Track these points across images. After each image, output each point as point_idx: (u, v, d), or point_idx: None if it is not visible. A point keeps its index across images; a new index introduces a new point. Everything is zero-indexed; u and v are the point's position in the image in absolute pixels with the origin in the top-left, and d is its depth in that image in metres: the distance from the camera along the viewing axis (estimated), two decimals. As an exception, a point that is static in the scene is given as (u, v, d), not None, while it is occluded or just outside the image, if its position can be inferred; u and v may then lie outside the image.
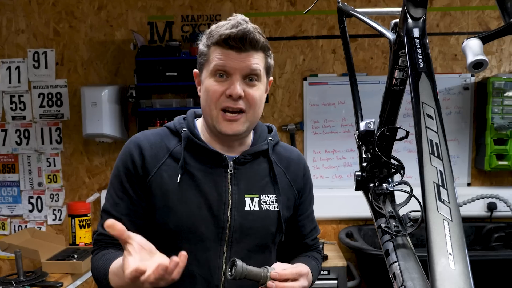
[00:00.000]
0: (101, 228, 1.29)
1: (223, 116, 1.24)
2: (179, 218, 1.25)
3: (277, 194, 1.35)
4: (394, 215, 1.29)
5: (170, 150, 1.30)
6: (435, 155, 0.82)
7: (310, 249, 1.52)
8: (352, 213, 3.56)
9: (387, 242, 1.18)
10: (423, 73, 0.93)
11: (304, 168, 1.47)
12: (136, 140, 1.31)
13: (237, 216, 1.29)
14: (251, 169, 1.34)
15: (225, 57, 1.21)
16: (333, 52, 3.60)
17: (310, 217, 1.51)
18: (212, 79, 1.23)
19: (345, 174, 3.64)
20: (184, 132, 1.31)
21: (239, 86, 1.21)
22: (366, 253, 2.98)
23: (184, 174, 1.28)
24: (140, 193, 1.28)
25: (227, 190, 1.29)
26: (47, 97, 3.70)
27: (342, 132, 3.61)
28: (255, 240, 1.32)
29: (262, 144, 1.38)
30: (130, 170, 1.28)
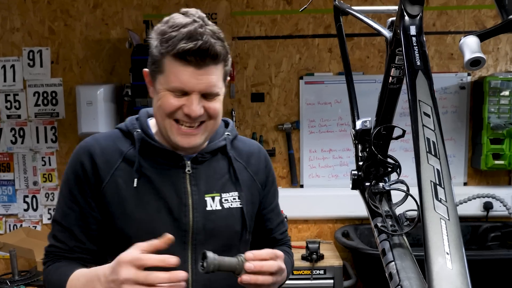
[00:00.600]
0: (52, 240, 1.24)
1: (177, 128, 1.18)
2: (138, 225, 1.19)
3: (239, 191, 1.31)
4: (390, 214, 1.29)
5: (124, 154, 1.24)
6: (432, 154, 0.82)
7: (280, 243, 1.47)
8: (348, 212, 3.55)
9: (384, 242, 1.18)
10: (420, 71, 0.92)
11: (265, 160, 1.43)
12: (86, 146, 1.24)
13: (199, 218, 1.24)
14: (210, 167, 1.29)
15: (182, 75, 1.12)
16: (329, 51, 3.60)
17: (275, 210, 1.46)
18: (168, 93, 1.15)
19: (341, 173, 3.63)
20: (137, 133, 1.25)
21: (198, 106, 1.14)
22: (362, 253, 2.98)
23: (141, 178, 1.22)
24: (92, 202, 1.21)
25: (186, 191, 1.24)
26: (42, 96, 3.69)
27: (338, 131, 3.60)
28: (221, 240, 1.27)
29: (220, 141, 1.33)
30: (80, 178, 1.21)
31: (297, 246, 3.38)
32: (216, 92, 1.17)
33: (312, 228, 3.68)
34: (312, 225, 3.68)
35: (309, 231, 3.68)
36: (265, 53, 3.60)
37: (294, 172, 3.61)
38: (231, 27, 3.59)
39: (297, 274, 3.05)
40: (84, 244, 1.22)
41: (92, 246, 1.24)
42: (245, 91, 3.63)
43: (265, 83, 3.62)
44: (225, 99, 3.63)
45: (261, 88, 3.63)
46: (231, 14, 3.58)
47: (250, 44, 3.59)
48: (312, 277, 3.04)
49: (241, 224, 1.31)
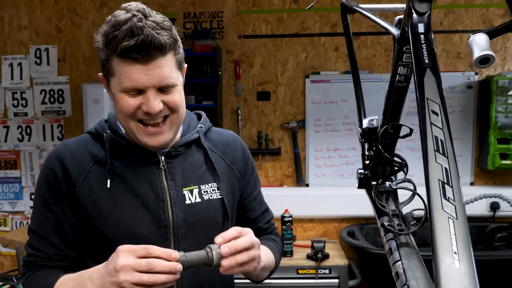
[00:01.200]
0: (29, 249, 1.22)
1: (143, 129, 1.15)
2: (116, 225, 1.17)
3: (218, 181, 1.28)
4: (397, 213, 1.28)
5: (95, 156, 1.21)
6: (440, 152, 0.81)
7: (266, 233, 1.45)
8: (354, 211, 3.54)
9: (390, 241, 1.17)
10: (428, 69, 0.91)
11: (242, 148, 1.40)
12: (56, 152, 1.22)
13: (178, 212, 1.21)
14: (185, 160, 1.27)
15: (132, 74, 1.08)
16: (336, 49, 3.59)
17: (258, 199, 1.43)
18: (124, 94, 1.11)
19: (347, 172, 3.62)
20: (106, 135, 1.22)
21: (155, 102, 1.10)
22: (368, 252, 2.97)
23: (114, 178, 1.19)
24: (66, 208, 1.19)
25: (163, 186, 1.22)
26: (49, 94, 3.70)
27: (344, 130, 3.59)
28: (203, 233, 1.23)
29: (193, 133, 1.30)
30: (53, 185, 1.19)
31: (302, 245, 3.38)
32: (171, 84, 1.12)
33: (318, 227, 3.67)
34: (317, 224, 3.67)
35: (314, 230, 3.67)
36: (271, 52, 3.59)
37: (300, 171, 3.60)
38: (237, 26, 3.58)
39: (302, 273, 3.05)
40: (63, 251, 1.20)
41: (71, 252, 1.22)
42: (251, 89, 3.62)
43: (271, 82, 3.62)
44: (230, 98, 3.64)
45: (267, 87, 3.62)
46: (237, 12, 3.58)
47: (256, 43, 3.59)
48: (317, 276, 3.04)
49: (223, 215, 1.28)
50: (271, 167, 3.65)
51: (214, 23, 3.59)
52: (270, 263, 1.32)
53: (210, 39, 3.37)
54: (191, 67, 3.31)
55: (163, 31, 1.10)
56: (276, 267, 1.40)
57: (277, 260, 1.39)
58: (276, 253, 1.38)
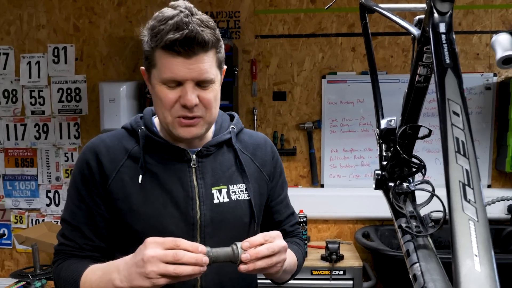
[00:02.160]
0: (61, 238, 1.25)
1: (179, 122, 1.18)
2: (145, 220, 1.21)
3: (246, 183, 1.31)
4: (415, 215, 1.27)
5: (129, 151, 1.25)
6: (461, 153, 0.80)
7: (290, 236, 1.47)
8: (369, 213, 3.52)
9: (408, 243, 1.16)
10: (449, 69, 0.90)
11: (272, 151, 1.42)
12: (91, 146, 1.26)
13: (206, 211, 1.24)
14: (216, 160, 1.29)
15: (173, 66, 1.12)
16: (353, 50, 3.57)
17: (284, 202, 1.46)
18: (163, 86, 1.16)
19: (362, 173, 3.60)
20: (141, 131, 1.26)
21: (192, 95, 1.14)
22: (383, 254, 2.95)
23: (146, 174, 1.23)
24: (98, 200, 1.23)
25: (193, 185, 1.25)
26: (66, 92, 3.73)
27: (360, 131, 3.57)
28: (229, 232, 1.26)
29: (225, 134, 1.33)
30: (87, 177, 1.23)
31: (317, 246, 3.37)
32: (210, 79, 1.15)
33: (332, 228, 3.66)
34: (332, 225, 3.66)
35: (328, 231, 3.66)
36: (288, 52, 3.59)
37: (315, 172, 3.59)
38: (254, 26, 3.58)
39: (316, 274, 3.04)
40: (93, 241, 1.24)
41: (101, 243, 1.26)
42: (267, 89, 3.62)
43: (287, 82, 3.61)
44: (246, 97, 3.64)
45: (283, 87, 3.62)
46: (254, 12, 3.57)
47: (273, 43, 3.58)
48: (332, 278, 3.03)
49: (250, 215, 1.31)
50: (286, 167, 3.65)
51: (231, 23, 3.59)
52: (292, 266, 1.33)
53: (227, 38, 3.37)
54: (207, 66, 3.34)
55: (208, 29, 1.13)
56: (299, 270, 1.41)
57: (300, 263, 1.40)
58: (299, 256, 1.39)
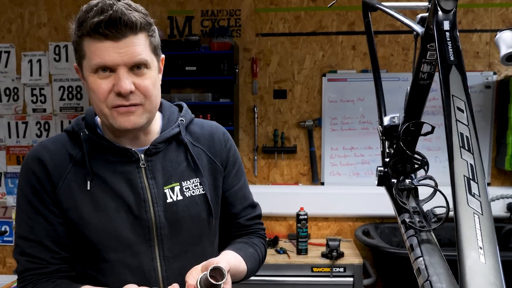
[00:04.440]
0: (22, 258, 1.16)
1: (116, 111, 1.10)
2: (98, 228, 1.14)
3: (200, 177, 1.25)
4: (418, 210, 1.27)
5: (74, 157, 1.17)
6: (466, 149, 0.81)
7: (248, 230, 1.39)
8: (369, 210, 3.53)
9: (411, 237, 1.16)
10: (453, 66, 0.92)
11: (224, 139, 1.34)
12: (34, 154, 1.17)
13: (161, 212, 1.18)
14: (165, 157, 1.23)
15: (101, 51, 1.05)
16: (353, 48, 3.58)
17: (239, 193, 1.36)
18: (95, 76, 1.08)
19: (362, 171, 3.61)
20: (83, 134, 1.18)
21: (126, 81, 1.06)
22: (383, 251, 2.97)
23: (94, 180, 1.16)
24: (54, 209, 1.16)
25: (144, 186, 1.18)
26: (67, 90, 3.74)
27: (360, 129, 3.58)
28: (187, 231, 1.22)
29: (173, 128, 1.25)
30: (36, 188, 1.15)
31: (317, 244, 3.39)
32: (143, 61, 1.08)
33: (332, 225, 3.67)
34: (332, 223, 3.67)
35: (329, 228, 3.67)
36: (288, 50, 3.60)
37: (315, 170, 3.60)
38: (255, 24, 3.59)
39: (317, 271, 3.05)
40: (59, 253, 1.17)
41: (66, 254, 1.19)
42: (267, 87, 3.63)
43: (288, 80, 3.62)
44: (247, 95, 3.64)
45: (283, 85, 3.62)
46: (255, 10, 3.58)
47: (274, 41, 3.59)
48: (332, 275, 3.04)
49: (207, 211, 1.25)
50: (286, 165, 3.66)
51: (231, 21, 3.60)
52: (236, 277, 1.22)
53: (228, 37, 3.38)
54: (208, 65, 3.37)
55: (135, 12, 1.08)
56: (248, 276, 1.31)
57: (251, 270, 1.30)
58: (251, 262, 1.29)
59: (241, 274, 1.24)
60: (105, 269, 1.17)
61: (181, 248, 1.21)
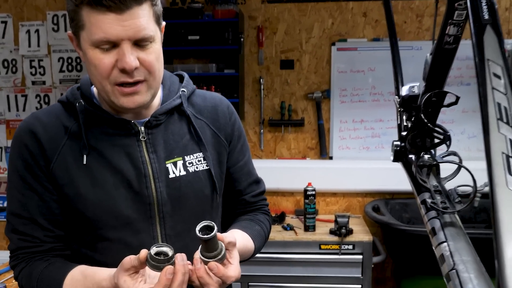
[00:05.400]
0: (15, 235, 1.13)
1: (119, 90, 1.04)
2: (96, 205, 1.09)
3: (204, 151, 1.20)
4: (439, 189, 1.18)
5: (69, 129, 1.12)
6: (504, 121, 0.72)
7: (253, 207, 1.36)
8: (379, 186, 3.45)
9: (433, 220, 1.07)
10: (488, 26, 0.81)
11: (229, 112, 1.29)
12: (26, 126, 1.11)
13: (162, 188, 1.14)
14: (167, 130, 1.18)
15: (104, 24, 0.97)
16: (364, 15, 3.43)
17: (245, 169, 1.33)
18: (96, 50, 1.01)
19: (372, 145, 3.50)
20: (79, 105, 1.11)
21: (131, 56, 1.00)
22: (394, 228, 2.88)
23: (91, 154, 1.10)
24: (48, 185, 1.11)
25: (144, 160, 1.13)
26: (67, 62, 3.64)
27: (371, 101, 3.46)
28: (190, 208, 1.17)
29: (174, 99, 1.19)
30: (29, 162, 1.10)
31: (325, 220, 3.31)
32: (149, 36, 1.01)
33: (341, 201, 3.58)
34: (340, 199, 3.58)
35: (337, 204, 3.59)
36: (296, 18, 3.45)
37: (324, 143, 3.50)
38: (261, -10, 3.45)
39: (325, 248, 2.98)
40: (53, 231, 1.13)
41: (60, 232, 1.14)
42: (274, 57, 3.51)
43: (295, 50, 3.49)
44: (253, 66, 3.51)
45: (290, 55, 3.50)
46: (261, -24, 3.43)
47: (280, 8, 3.45)
48: (341, 252, 2.96)
49: (211, 187, 1.21)
50: (293, 138, 3.56)
51: (236, -13, 3.45)
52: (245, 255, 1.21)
53: (232, 4, 3.24)
54: (212, 33, 3.25)
55: None
56: (254, 254, 1.29)
57: (258, 247, 1.28)
58: (258, 240, 1.27)
59: (249, 252, 1.23)
60: (103, 248, 1.13)
61: (183, 226, 1.16)
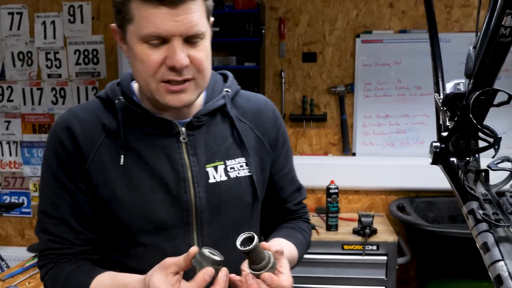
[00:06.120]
0: (44, 235, 1.09)
1: (165, 88, 1.00)
2: (131, 208, 1.05)
3: (246, 156, 1.15)
4: (489, 198, 1.07)
5: (107, 127, 1.08)
6: None
7: (295, 215, 1.32)
8: (403, 183, 3.34)
9: (485, 233, 0.95)
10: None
11: (274, 116, 1.24)
12: (63, 122, 1.08)
13: (202, 193, 1.09)
14: (209, 132, 1.13)
15: (155, 18, 0.93)
16: (390, 6, 3.30)
17: (289, 176, 1.28)
18: (144, 45, 0.97)
19: (397, 141, 3.38)
20: (118, 102, 1.08)
21: (182, 54, 0.96)
22: (420, 229, 2.75)
23: (129, 154, 1.06)
24: (81, 185, 1.07)
25: (184, 163, 1.08)
26: (83, 54, 3.58)
27: (396, 96, 3.34)
28: (229, 216, 1.13)
29: (218, 99, 1.14)
30: (63, 160, 1.06)
31: (347, 219, 3.20)
32: (201, 32, 0.97)
33: (363, 199, 3.47)
34: (363, 196, 3.46)
35: (360, 202, 3.47)
36: (319, 9, 3.35)
37: (347, 139, 3.39)
38: (282, -20, 3.33)
39: (347, 249, 2.87)
40: (84, 234, 1.09)
41: (91, 235, 1.11)
42: (296, 50, 3.40)
43: (318, 42, 3.38)
44: (274, 59, 3.39)
45: (313, 47, 3.39)
46: (282, -35, 3.31)
47: (303, -1, 3.34)
48: (364, 253, 2.85)
49: (252, 194, 1.15)
50: (315, 134, 3.45)
51: (257, -23, 3.34)
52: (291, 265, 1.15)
53: (253, -6, 3.14)
54: (233, 25, 3.14)
55: None
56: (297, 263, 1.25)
57: (300, 256, 1.24)
58: (301, 249, 1.23)
59: (294, 262, 1.18)
60: (136, 253, 1.08)
61: (221, 234, 1.12)
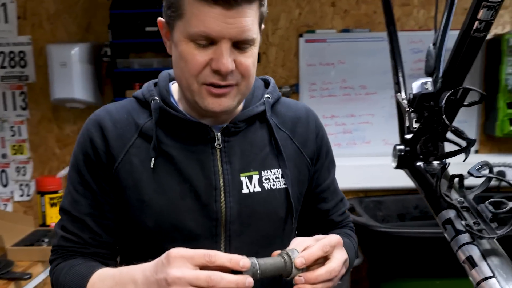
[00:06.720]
0: (61, 232, 1.07)
1: (207, 90, 0.97)
2: (158, 214, 1.03)
3: (283, 167, 1.10)
4: (466, 205, 1.01)
5: (140, 127, 1.06)
6: None
7: (339, 226, 1.26)
8: (352, 184, 3.29)
9: (469, 246, 0.90)
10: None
11: (316, 126, 1.20)
12: (96, 118, 1.07)
13: (233, 203, 1.05)
14: (246, 139, 1.09)
15: (207, 18, 0.91)
16: (333, 5, 3.30)
17: (332, 187, 1.23)
18: (191, 44, 0.95)
19: (344, 141, 3.38)
20: (154, 102, 1.06)
21: (229, 59, 0.93)
22: (373, 231, 2.73)
23: (160, 157, 1.04)
24: (106, 186, 1.05)
25: (217, 170, 1.05)
26: (9, 57, 3.36)
27: (341, 95, 3.34)
28: (260, 230, 1.08)
29: (257, 105, 1.10)
30: (91, 158, 1.04)
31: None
32: (251, 38, 0.94)
33: (312, 200, 3.43)
34: (311, 198, 3.42)
35: (308, 204, 3.43)
36: (261, 8, 3.26)
37: (293, 141, 3.33)
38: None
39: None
40: (101, 236, 1.07)
41: (109, 238, 1.08)
42: (238, 50, 3.30)
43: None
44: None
45: (256, 48, 3.30)
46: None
47: (244, -2, 3.24)
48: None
49: (286, 208, 1.11)
50: (261, 136, 3.37)
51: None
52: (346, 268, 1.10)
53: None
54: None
55: None
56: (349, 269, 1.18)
57: (352, 261, 1.18)
58: (351, 252, 1.17)
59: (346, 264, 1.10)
60: None
61: (250, 248, 1.06)
